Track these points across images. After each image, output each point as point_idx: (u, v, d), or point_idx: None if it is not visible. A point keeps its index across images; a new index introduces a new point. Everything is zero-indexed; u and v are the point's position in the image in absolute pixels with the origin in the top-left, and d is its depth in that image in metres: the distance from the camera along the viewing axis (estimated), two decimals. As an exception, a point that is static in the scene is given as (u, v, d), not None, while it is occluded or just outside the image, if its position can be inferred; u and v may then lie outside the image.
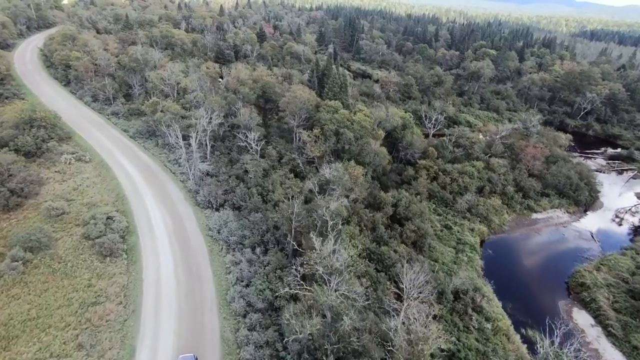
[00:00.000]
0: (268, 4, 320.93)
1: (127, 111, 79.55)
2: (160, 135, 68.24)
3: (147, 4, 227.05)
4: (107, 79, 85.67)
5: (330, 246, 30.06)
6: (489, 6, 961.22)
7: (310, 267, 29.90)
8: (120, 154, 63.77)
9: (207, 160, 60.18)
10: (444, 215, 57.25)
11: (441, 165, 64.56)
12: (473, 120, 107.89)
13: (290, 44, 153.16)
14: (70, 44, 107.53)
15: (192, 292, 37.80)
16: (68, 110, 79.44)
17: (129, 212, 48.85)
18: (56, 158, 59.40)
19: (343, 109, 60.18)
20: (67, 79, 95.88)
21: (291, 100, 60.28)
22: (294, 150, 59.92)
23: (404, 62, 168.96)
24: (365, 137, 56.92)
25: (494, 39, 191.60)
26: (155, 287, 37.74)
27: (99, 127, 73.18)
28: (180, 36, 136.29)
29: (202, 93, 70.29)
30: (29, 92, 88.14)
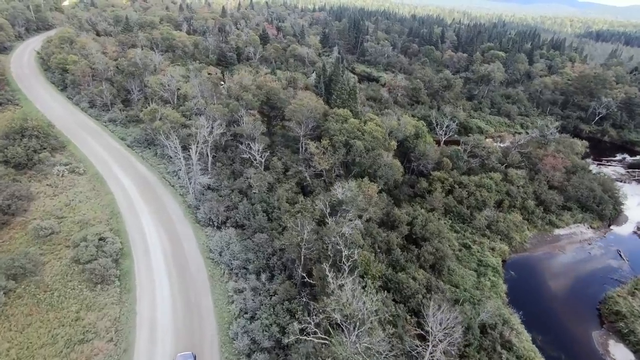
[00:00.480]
0: (270, 4, 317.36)
1: (125, 118, 76.07)
2: (159, 144, 64.70)
3: (149, 5, 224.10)
4: (104, 84, 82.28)
5: (349, 289, 26.31)
6: (491, 6, 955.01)
7: (326, 314, 26.19)
8: (116, 165, 60.23)
9: (208, 173, 56.58)
10: (461, 232, 53.35)
11: (457, 178, 60.65)
12: (484, 125, 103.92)
13: (294, 46, 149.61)
14: (68, 47, 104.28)
15: (190, 326, 34.11)
16: (63, 117, 76.13)
17: (124, 232, 45.24)
18: (48, 170, 55.94)
19: (353, 118, 56.42)
20: (64, 83, 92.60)
21: (297, 109, 56.57)
22: (301, 162, 56.19)
23: (410, 64, 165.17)
24: (376, 149, 53.14)
25: (501, 40, 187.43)
26: (149, 322, 34.08)
27: (95, 136, 69.70)
28: (181, 38, 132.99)
29: (203, 100, 66.68)
30: (24, 97, 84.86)
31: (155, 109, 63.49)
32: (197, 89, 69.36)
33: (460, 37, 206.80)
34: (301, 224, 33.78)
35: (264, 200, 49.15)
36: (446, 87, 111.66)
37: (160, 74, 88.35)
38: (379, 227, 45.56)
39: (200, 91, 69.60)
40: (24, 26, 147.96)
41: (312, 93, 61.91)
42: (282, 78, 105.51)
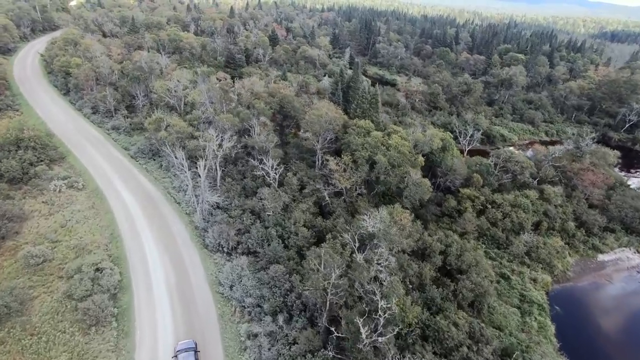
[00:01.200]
0: (279, 5, 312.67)
1: (128, 125, 71.69)
2: (164, 155, 60.14)
3: (156, 5, 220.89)
4: (108, 88, 78.02)
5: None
6: (500, 6, 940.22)
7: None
8: (118, 178, 55.73)
9: (217, 188, 51.84)
10: (498, 260, 47.88)
11: (489, 196, 55.14)
12: (507, 133, 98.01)
13: (304, 48, 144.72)
14: (72, 49, 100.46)
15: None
16: (64, 124, 72.02)
17: (124, 259, 40.59)
18: (45, 185, 51.60)
19: (375, 131, 51.23)
20: (67, 87, 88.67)
21: (315, 120, 51.55)
22: (318, 179, 51.12)
23: (423, 66, 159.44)
24: (403, 165, 47.90)
25: (519, 42, 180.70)
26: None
27: (96, 145, 65.37)
28: (188, 40, 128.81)
29: (212, 108, 61.96)
30: (25, 102, 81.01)
31: (161, 118, 58.91)
32: (205, 96, 64.65)
33: (475, 38, 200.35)
34: (326, 262, 28.76)
35: (279, 223, 44.22)
36: (465, 92, 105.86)
37: (166, 77, 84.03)
38: (408, 255, 40.36)
39: (209, 98, 64.87)
40: (30, 27, 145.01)
41: (330, 102, 56.80)
42: (294, 82, 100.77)
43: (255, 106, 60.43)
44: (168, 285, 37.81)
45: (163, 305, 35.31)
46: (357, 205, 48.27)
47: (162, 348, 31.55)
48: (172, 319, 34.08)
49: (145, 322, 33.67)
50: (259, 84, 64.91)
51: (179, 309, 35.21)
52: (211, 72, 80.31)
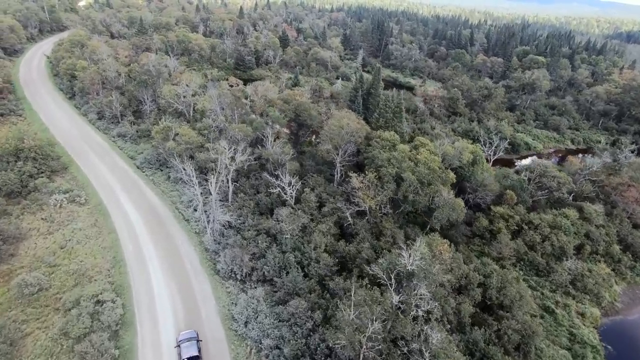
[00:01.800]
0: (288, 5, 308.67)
1: (135, 133, 68.09)
2: (172, 166, 56.39)
3: (164, 5, 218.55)
4: (114, 93, 74.59)
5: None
6: (509, 6, 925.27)
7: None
8: (123, 192, 52.03)
9: (229, 204, 47.85)
10: (539, 289, 43.16)
11: (524, 215, 50.39)
12: (531, 141, 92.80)
13: (315, 50, 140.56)
14: (78, 51, 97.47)
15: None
16: (68, 131, 68.72)
17: (127, 288, 36.72)
18: (45, 199, 48.05)
19: (401, 144, 46.79)
20: (73, 91, 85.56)
21: (335, 132, 47.26)
22: (338, 196, 46.85)
23: (438, 69, 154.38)
24: (433, 183, 43.40)
25: (537, 43, 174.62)
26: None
27: (101, 154, 61.84)
28: (197, 41, 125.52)
29: (223, 116, 58.01)
30: (29, 106, 77.99)
31: (169, 126, 55.13)
32: (215, 102, 60.70)
33: (490, 39, 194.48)
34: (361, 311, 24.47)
35: (298, 247, 40.04)
36: (486, 97, 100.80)
37: (175, 80, 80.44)
38: (444, 289, 35.86)
39: (220, 104, 60.91)
40: (37, 27, 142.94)
41: (350, 111, 52.38)
42: (307, 86, 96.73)
43: (270, 114, 56.34)
44: (176, 320, 33.82)
45: (171, 347, 31.28)
46: (382, 226, 43.91)
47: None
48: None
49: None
50: (273, 90, 60.80)
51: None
52: (222, 76, 76.40)
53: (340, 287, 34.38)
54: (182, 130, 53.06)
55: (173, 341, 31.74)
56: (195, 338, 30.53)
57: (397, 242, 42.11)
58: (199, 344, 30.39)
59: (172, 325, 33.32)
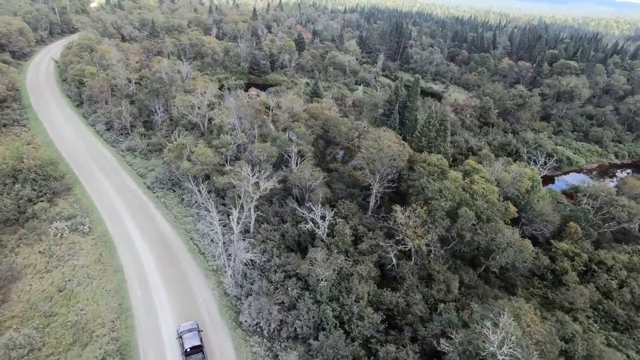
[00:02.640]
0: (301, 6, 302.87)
1: (145, 147, 62.56)
2: (186, 188, 50.61)
3: (176, 7, 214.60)
4: (124, 102, 69.24)
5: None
6: (522, 6, 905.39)
7: None
8: (131, 218, 46.31)
9: (250, 235, 41.76)
10: (622, 350, 36.02)
11: (592, 253, 43.22)
12: (572, 155, 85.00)
13: (333, 53, 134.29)
14: (87, 55, 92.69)
15: None
16: (74, 144, 63.52)
17: (134, 349, 30.75)
18: (44, 228, 42.54)
19: (452, 170, 40.06)
20: (80, 98, 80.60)
21: (375, 155, 40.76)
22: (377, 229, 40.36)
23: (461, 73, 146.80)
24: (492, 219, 36.64)
25: (566, 47, 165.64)
26: None
27: (108, 172, 56.34)
28: (211, 44, 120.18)
29: (241, 130, 51.96)
30: (34, 116, 73.13)
31: (183, 144, 49.27)
32: (234, 115, 54.64)
33: (513, 42, 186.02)
34: None
35: (335, 297, 33.68)
36: (520, 106, 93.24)
37: (188, 86, 74.86)
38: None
39: (239, 118, 54.84)
40: (47, 29, 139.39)
41: (391, 131, 45.68)
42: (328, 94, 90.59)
43: (295, 130, 50.08)
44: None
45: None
46: (430, 268, 37.31)
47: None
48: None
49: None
50: (298, 102, 54.52)
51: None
52: (238, 84, 70.41)
53: (392, 357, 27.86)
54: (198, 149, 47.11)
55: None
56: (197, 329, 30.75)
57: (451, 290, 35.51)
58: (200, 334, 30.52)
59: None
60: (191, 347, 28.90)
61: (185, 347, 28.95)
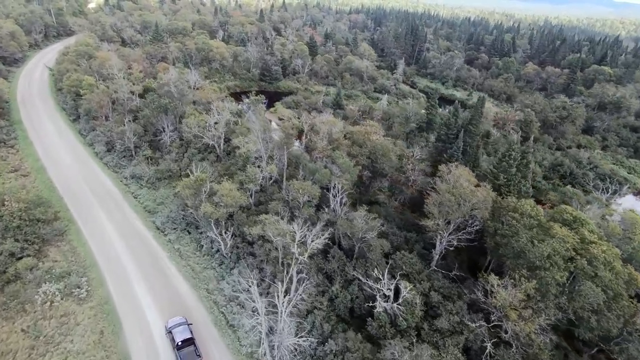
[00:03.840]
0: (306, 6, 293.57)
1: (153, 174, 53.46)
2: (203, 232, 41.63)
3: (178, 8, 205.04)
4: (127, 119, 60.23)
5: None
6: (523, 7, 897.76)
7: None
8: (140, 276, 37.25)
9: (291, 298, 32.72)
10: None
11: None
12: (626, 174, 76.27)
13: (349, 58, 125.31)
14: (85, 63, 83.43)
15: None
16: (69, 170, 54.44)
17: None
18: (29, 293, 33.46)
19: (558, 226, 31.03)
20: (77, 112, 71.52)
21: (452, 203, 31.78)
22: (459, 301, 31.38)
23: (483, 79, 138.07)
24: (619, 297, 27.71)
25: (592, 50, 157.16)
26: None
27: (110, 207, 47.22)
28: (219, 49, 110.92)
29: (273, 164, 42.84)
30: (24, 135, 64.02)
31: (202, 179, 40.19)
32: (259, 141, 45.42)
33: (533, 44, 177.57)
34: None
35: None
36: (563, 118, 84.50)
37: (199, 95, 65.90)
38: None
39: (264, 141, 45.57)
40: (43, 32, 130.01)
41: (463, 166, 36.59)
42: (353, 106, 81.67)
43: (338, 161, 41.04)
44: None
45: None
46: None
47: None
48: None
49: None
50: (337, 125, 45.37)
51: None
52: (260, 99, 61.30)
53: None
54: (223, 188, 37.97)
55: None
56: (186, 323, 30.41)
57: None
58: (190, 327, 30.20)
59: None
60: (182, 340, 28.53)
61: (176, 341, 28.50)
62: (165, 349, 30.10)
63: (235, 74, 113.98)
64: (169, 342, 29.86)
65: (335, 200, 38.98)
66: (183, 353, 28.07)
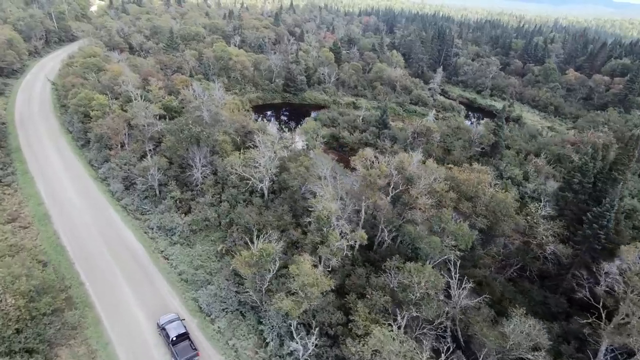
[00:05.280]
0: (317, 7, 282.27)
1: (187, 227, 42.41)
2: (265, 316, 30.57)
3: (185, 11, 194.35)
4: (148, 149, 49.27)
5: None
6: (524, 8, 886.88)
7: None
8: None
9: None
10: None
11: None
12: None
13: (380, 66, 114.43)
14: (93, 76, 72.39)
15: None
16: (81, 218, 43.50)
17: None
18: None
19: None
20: (86, 136, 60.65)
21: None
22: None
23: (523, 86, 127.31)
24: None
25: (633, 55, 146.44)
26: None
27: (136, 279, 36.13)
28: (239, 57, 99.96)
29: (360, 230, 31.73)
30: (23, 167, 53.06)
31: (268, 253, 29.08)
32: (329, 187, 34.29)
33: (565, 49, 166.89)
34: None
35: None
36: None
37: (231, 119, 54.98)
38: None
39: (339, 197, 34.46)
40: (44, 39, 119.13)
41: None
42: (406, 126, 70.87)
43: (447, 226, 29.90)
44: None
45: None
46: None
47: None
48: None
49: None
50: (440, 172, 33.91)
51: None
52: (325, 135, 50.34)
53: None
54: (302, 270, 26.82)
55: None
56: (178, 318, 30.09)
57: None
58: (184, 322, 29.89)
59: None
60: (177, 335, 28.01)
61: (170, 336, 27.95)
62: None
63: (256, 85, 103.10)
64: (162, 339, 29.10)
65: (453, 283, 27.97)
66: (178, 348, 27.48)
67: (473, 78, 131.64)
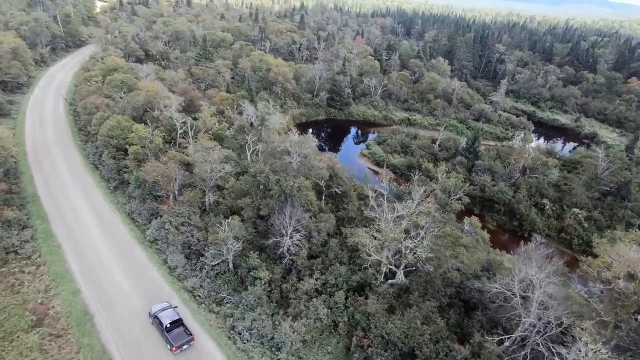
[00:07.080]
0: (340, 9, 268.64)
1: (297, 336, 29.36)
2: None
3: (197, 12, 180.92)
4: (209, 205, 36.16)
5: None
6: (521, 8, 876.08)
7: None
8: None
9: None
10: None
11: None
12: None
13: (433, 77, 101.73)
14: (122, 97, 59.08)
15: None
16: (135, 315, 30.24)
17: None
18: None
19: None
20: (119, 176, 47.54)
21: None
22: None
23: (585, 96, 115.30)
24: None
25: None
26: None
27: None
28: (279, 68, 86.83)
29: None
30: (45, 229, 39.77)
31: None
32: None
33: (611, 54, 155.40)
34: None
35: None
36: None
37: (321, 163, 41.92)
38: None
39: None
40: (49, 45, 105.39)
41: None
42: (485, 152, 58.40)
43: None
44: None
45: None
46: None
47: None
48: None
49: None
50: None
51: None
52: (458, 176, 37.53)
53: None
54: None
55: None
56: (170, 306, 29.57)
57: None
58: (176, 309, 29.45)
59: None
60: (171, 322, 27.63)
61: (164, 323, 27.55)
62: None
63: (298, 100, 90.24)
64: (155, 327, 28.09)
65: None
66: (173, 334, 27.01)
67: (526, 87, 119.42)
